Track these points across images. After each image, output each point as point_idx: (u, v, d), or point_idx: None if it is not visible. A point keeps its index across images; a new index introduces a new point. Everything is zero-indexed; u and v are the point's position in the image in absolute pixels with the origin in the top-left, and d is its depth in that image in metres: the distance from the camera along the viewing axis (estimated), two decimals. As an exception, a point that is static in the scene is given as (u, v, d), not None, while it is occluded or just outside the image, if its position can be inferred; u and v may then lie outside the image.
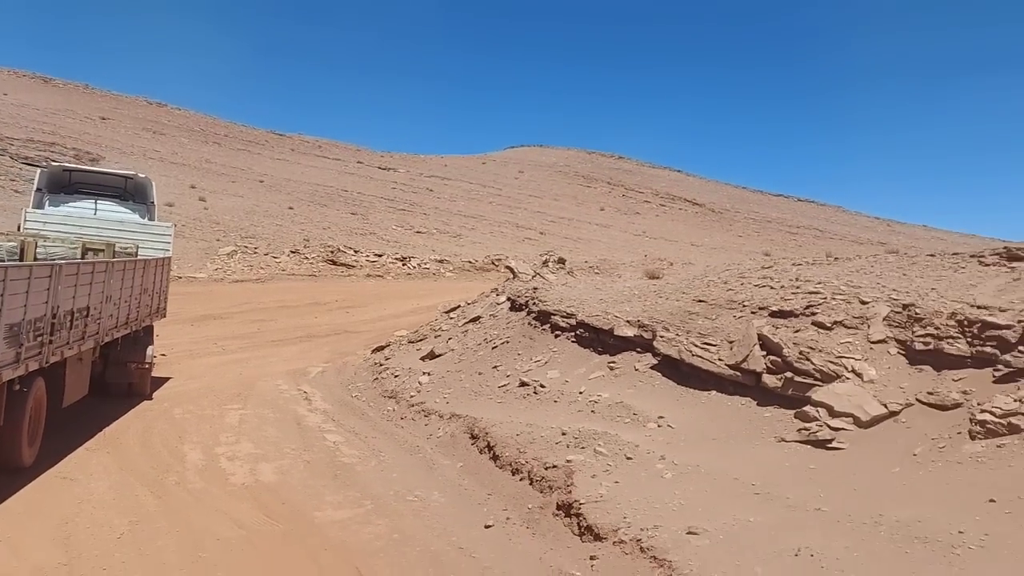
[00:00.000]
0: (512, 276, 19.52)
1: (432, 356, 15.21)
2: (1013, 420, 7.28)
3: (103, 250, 11.36)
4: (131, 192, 14.66)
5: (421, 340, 17.09)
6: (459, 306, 18.82)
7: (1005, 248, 12.03)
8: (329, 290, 32.17)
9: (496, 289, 19.15)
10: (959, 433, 7.62)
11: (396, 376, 14.53)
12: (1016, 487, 6.46)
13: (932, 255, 13.64)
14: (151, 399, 12.31)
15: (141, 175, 15.20)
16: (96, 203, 14.09)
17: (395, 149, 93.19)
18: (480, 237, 52.50)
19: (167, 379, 14.12)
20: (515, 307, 16.07)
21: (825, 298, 10.63)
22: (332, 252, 38.86)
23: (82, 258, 10.65)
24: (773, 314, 10.76)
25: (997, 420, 7.33)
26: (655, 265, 19.57)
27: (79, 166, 19.40)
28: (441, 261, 40.95)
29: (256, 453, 9.81)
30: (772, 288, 11.89)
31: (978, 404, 7.74)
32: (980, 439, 7.35)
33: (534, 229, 59.19)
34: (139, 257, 12.44)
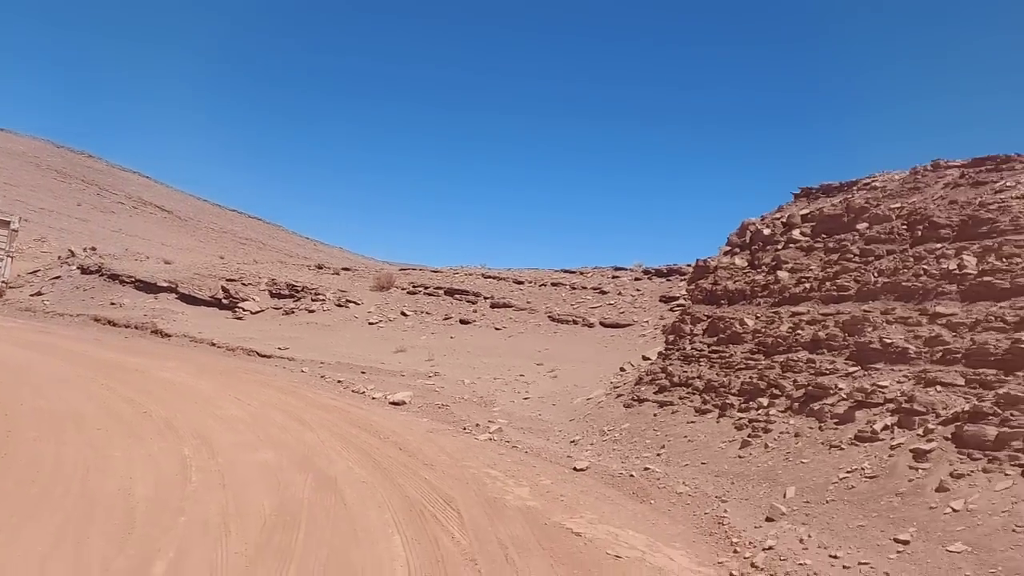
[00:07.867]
0: (71, 254, 30.75)
1: (39, 293, 26.35)
2: (311, 307, 24.19)
3: None
4: None
5: (20, 288, 27.51)
6: (38, 270, 29.31)
7: (346, 268, 29.86)
8: None
9: (61, 260, 30.15)
10: (282, 316, 24.23)
11: (20, 301, 25.41)
12: (337, 326, 23.24)
13: (292, 266, 30.90)
14: None
15: None
16: None
17: None
18: (-36, 217, 54.26)
19: None
20: (86, 271, 28.07)
21: (245, 276, 26.55)
22: None
23: None
24: (227, 279, 26.18)
25: (295, 308, 24.17)
26: (168, 256, 32.90)
27: None
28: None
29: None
30: (228, 271, 27.31)
31: (289, 307, 24.53)
32: (295, 313, 24.07)
33: (16, 215, 61.86)
34: None
